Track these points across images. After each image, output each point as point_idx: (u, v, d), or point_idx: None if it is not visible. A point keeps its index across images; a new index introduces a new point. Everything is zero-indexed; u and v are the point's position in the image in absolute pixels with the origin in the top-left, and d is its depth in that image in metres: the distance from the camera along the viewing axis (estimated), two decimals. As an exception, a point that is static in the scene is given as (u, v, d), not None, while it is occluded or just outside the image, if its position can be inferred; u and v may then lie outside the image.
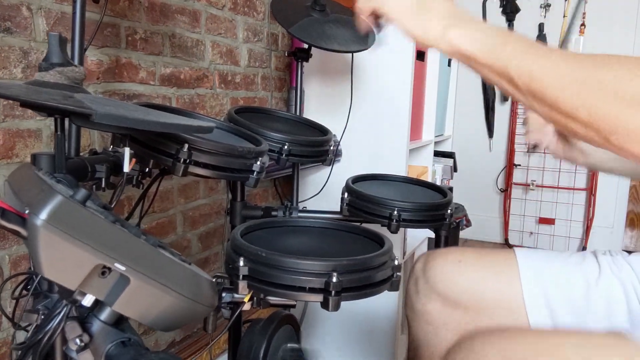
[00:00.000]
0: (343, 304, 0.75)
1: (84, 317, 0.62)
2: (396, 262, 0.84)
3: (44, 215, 0.47)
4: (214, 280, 0.70)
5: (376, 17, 0.72)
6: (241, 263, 0.77)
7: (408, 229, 1.87)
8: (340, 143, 1.72)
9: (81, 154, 0.90)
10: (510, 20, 3.21)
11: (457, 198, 1.44)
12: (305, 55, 1.43)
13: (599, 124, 0.51)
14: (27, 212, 0.49)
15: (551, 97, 0.54)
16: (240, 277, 0.77)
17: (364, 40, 1.41)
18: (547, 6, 3.14)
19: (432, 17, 0.65)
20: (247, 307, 0.80)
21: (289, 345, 1.01)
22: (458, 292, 0.93)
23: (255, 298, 0.80)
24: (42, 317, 0.63)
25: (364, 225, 1.00)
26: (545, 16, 3.15)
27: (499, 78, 0.60)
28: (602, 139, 0.52)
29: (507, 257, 0.93)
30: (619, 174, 1.00)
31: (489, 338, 0.72)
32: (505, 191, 3.34)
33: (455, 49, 0.63)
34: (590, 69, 0.52)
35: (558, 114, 0.54)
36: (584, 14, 3.04)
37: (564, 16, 3.09)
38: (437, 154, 2.21)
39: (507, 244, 3.33)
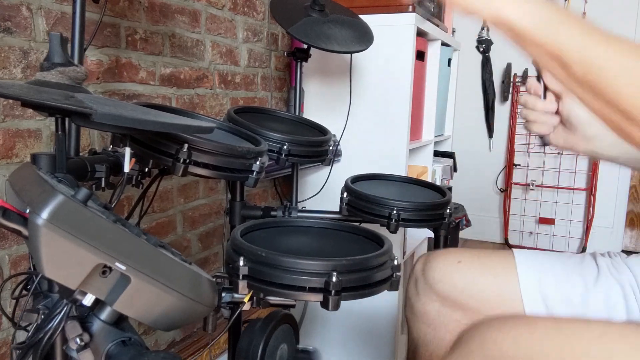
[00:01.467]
0: (343, 303, 0.75)
1: (84, 317, 0.62)
2: (396, 262, 0.84)
3: (45, 214, 0.47)
4: (213, 280, 0.70)
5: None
6: (241, 263, 0.77)
7: (408, 229, 1.87)
8: (340, 143, 1.72)
9: (81, 153, 0.91)
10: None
11: (457, 198, 1.44)
12: (304, 56, 1.43)
13: None
14: (28, 211, 0.49)
15: (611, 92, 0.47)
16: (240, 276, 0.77)
17: (364, 41, 1.41)
18: (546, 6, 3.14)
19: None
20: (246, 307, 0.80)
21: (299, 347, 1.02)
22: (457, 293, 0.94)
23: (255, 298, 0.80)
24: (43, 316, 0.64)
25: (364, 225, 1.00)
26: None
27: (550, 61, 0.52)
28: None
29: (506, 259, 0.94)
30: (621, 164, 0.93)
31: (504, 325, 0.69)
32: (505, 191, 3.34)
33: (503, 21, 0.54)
34: None
35: (615, 112, 0.48)
36: (584, 14, 3.05)
37: (564, 16, 3.09)
38: (437, 154, 2.21)
39: (507, 244, 3.33)
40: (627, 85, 0.47)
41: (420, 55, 1.89)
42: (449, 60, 2.25)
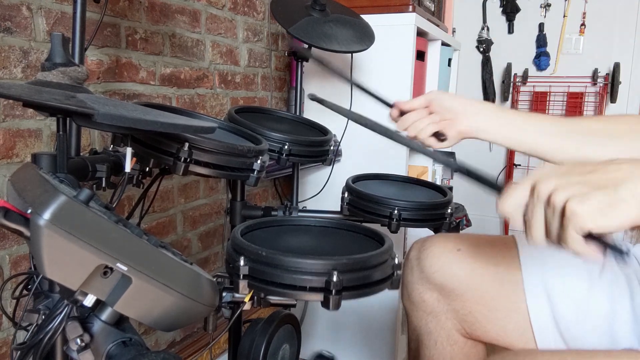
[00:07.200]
0: (343, 303, 0.75)
1: (85, 317, 0.62)
2: (396, 261, 0.83)
3: (47, 215, 0.47)
4: (214, 279, 0.70)
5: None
6: (241, 262, 0.77)
7: (409, 229, 1.87)
8: (341, 143, 1.72)
9: (81, 153, 0.91)
10: (510, 20, 3.21)
11: (457, 198, 1.44)
12: (305, 56, 1.43)
13: None
14: (29, 212, 0.49)
15: None
16: (241, 276, 0.77)
17: (365, 41, 1.41)
18: (547, 6, 3.14)
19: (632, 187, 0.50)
20: (247, 306, 0.80)
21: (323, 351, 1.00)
22: (456, 283, 0.91)
23: (255, 297, 0.80)
24: (43, 317, 0.64)
25: (364, 224, 1.00)
26: (545, 16, 3.15)
27: None
28: None
29: (508, 247, 0.91)
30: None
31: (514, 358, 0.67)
32: (505, 191, 3.34)
33: None
34: None
35: None
36: (584, 13, 3.05)
37: (564, 16, 3.09)
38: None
39: (506, 244, 3.33)
40: None
41: (420, 55, 1.89)
42: (449, 60, 2.25)
